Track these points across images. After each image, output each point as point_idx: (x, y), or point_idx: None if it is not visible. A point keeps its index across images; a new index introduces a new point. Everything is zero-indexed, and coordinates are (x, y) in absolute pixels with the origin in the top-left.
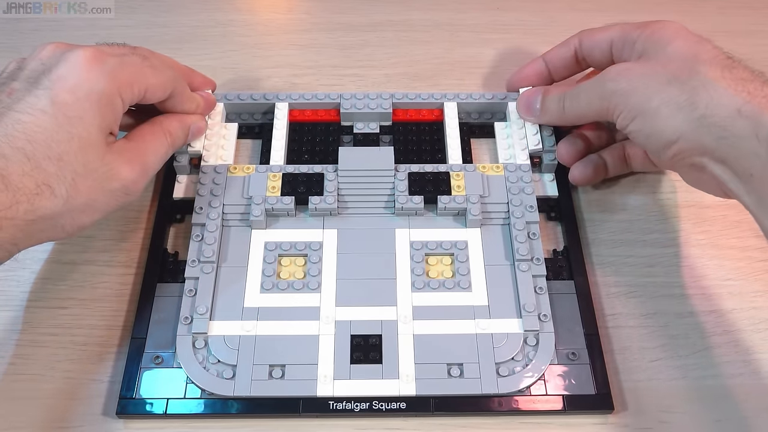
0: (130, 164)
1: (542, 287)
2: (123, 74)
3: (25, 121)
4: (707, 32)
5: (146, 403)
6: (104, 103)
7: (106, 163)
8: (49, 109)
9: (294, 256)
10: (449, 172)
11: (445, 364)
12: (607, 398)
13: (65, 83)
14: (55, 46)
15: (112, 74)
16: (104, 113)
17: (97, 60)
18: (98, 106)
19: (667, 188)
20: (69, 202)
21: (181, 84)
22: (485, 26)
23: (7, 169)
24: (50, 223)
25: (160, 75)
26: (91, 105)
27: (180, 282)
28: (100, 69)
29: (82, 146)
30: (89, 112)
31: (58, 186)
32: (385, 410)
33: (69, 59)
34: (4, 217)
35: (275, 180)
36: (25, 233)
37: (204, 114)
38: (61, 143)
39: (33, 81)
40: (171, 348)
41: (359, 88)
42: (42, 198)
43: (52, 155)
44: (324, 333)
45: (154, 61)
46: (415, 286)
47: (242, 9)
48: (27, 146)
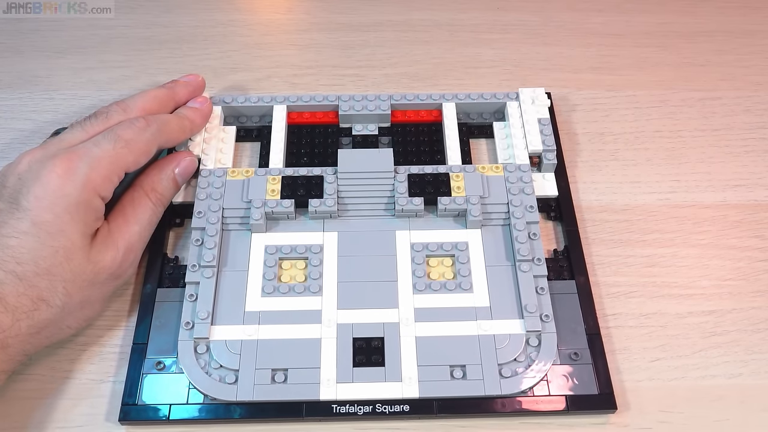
0: (113, 250)
1: (543, 287)
2: (97, 175)
3: (12, 245)
4: (707, 32)
5: (149, 410)
6: (83, 209)
7: (91, 261)
8: (31, 230)
9: (294, 259)
10: (449, 173)
11: (447, 365)
12: (609, 398)
13: (42, 202)
14: (29, 159)
15: (85, 180)
16: (85, 219)
17: (69, 172)
18: (77, 214)
19: (666, 188)
20: (65, 307)
21: (163, 130)
22: (485, 26)
23: (3, 292)
24: (54, 329)
25: (136, 147)
26: (71, 217)
27: (180, 287)
28: (73, 181)
29: (68, 255)
30: (69, 224)
31: (52, 297)
32: (389, 413)
33: (42, 178)
34: (9, 336)
35: (275, 183)
36: (32, 344)
37: (201, 125)
38: (46, 258)
39: (13, 201)
40: (173, 353)
41: (359, 88)
42: (40, 312)
43: (41, 271)
44: (326, 336)
45: (128, 132)
46: (417, 288)
47: (242, 9)
48: (17, 268)
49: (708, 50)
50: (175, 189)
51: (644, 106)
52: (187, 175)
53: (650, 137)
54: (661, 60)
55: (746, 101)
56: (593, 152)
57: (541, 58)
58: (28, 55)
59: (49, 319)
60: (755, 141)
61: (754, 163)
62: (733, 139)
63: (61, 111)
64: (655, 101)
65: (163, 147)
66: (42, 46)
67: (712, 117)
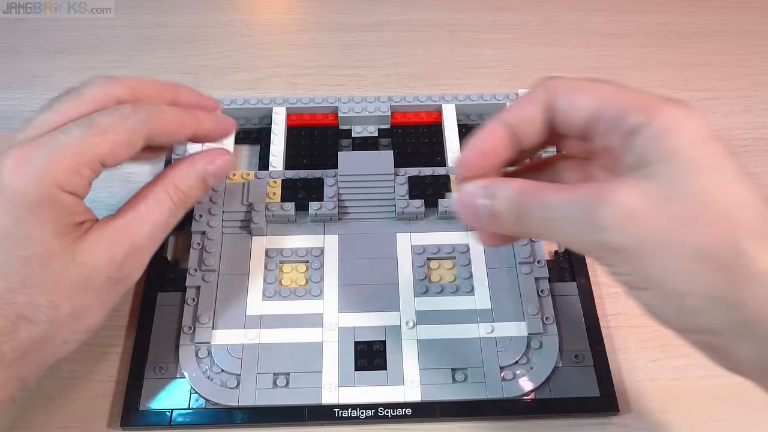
0: (111, 250)
1: (545, 290)
2: (57, 166)
3: None
4: (707, 32)
5: (150, 415)
6: (48, 207)
7: (78, 263)
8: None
9: (295, 262)
10: (449, 175)
11: (449, 368)
12: (611, 400)
13: None
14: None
15: (42, 172)
16: (54, 217)
17: (21, 164)
18: (42, 213)
19: None
20: (54, 321)
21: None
22: (485, 26)
23: None
24: (47, 347)
25: (114, 136)
26: (34, 218)
27: (181, 291)
28: (25, 174)
29: (43, 263)
30: (36, 227)
31: (34, 313)
32: (391, 416)
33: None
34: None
35: (275, 186)
36: (25, 368)
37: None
38: (18, 271)
39: None
40: (174, 358)
41: (359, 88)
42: (23, 330)
43: (14, 286)
44: (327, 340)
45: (105, 119)
46: (418, 290)
47: (242, 9)
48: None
49: (708, 50)
50: (202, 190)
51: None
52: (219, 177)
53: None
54: (661, 60)
55: (746, 101)
56: None
57: (541, 58)
58: (28, 55)
59: (35, 337)
60: (755, 141)
61: (754, 163)
62: (733, 139)
63: None
64: None
65: (154, 140)
66: (42, 46)
67: (712, 117)
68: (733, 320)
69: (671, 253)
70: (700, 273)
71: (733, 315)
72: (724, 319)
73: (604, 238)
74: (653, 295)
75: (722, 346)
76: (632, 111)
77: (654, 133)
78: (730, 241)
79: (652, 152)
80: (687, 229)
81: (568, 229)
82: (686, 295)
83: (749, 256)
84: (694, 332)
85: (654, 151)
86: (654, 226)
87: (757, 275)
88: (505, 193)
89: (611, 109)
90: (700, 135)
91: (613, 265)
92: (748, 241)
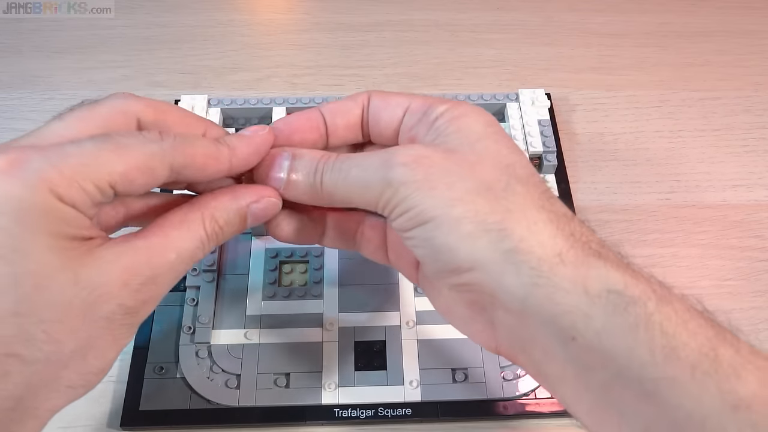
0: (127, 273)
1: None
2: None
3: None
4: (707, 32)
5: (150, 415)
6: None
7: (82, 284)
8: None
9: (295, 262)
10: None
11: (449, 368)
12: None
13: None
14: None
15: (36, 177)
16: (50, 229)
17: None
18: (38, 223)
19: (666, 188)
20: (53, 358)
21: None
22: (485, 26)
23: None
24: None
25: (131, 156)
26: (23, 227)
27: (181, 291)
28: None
29: (37, 284)
30: (26, 239)
31: (27, 349)
32: (391, 416)
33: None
34: None
35: None
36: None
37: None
38: (8, 294)
39: None
40: (174, 358)
41: (359, 87)
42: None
43: (4, 314)
44: (327, 340)
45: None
46: (418, 290)
47: (242, 9)
48: None
49: (708, 50)
50: (240, 228)
51: (644, 106)
52: (262, 219)
53: (650, 137)
54: (661, 60)
55: (746, 101)
56: (593, 152)
57: (541, 58)
58: (28, 55)
59: (31, 381)
60: (755, 141)
61: (754, 163)
62: (733, 139)
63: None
64: (655, 101)
65: (181, 173)
66: (42, 46)
67: (712, 117)
68: (500, 248)
69: (454, 184)
70: (477, 200)
71: (500, 243)
72: (491, 246)
73: (394, 174)
74: (433, 228)
75: (487, 284)
76: (437, 104)
77: (452, 116)
78: (505, 178)
79: (447, 128)
80: (468, 168)
81: (364, 172)
82: (463, 220)
83: (519, 193)
84: (465, 270)
85: (449, 126)
86: (441, 165)
87: (525, 207)
88: (306, 154)
89: (420, 105)
90: (485, 120)
91: (401, 203)
92: (520, 184)
